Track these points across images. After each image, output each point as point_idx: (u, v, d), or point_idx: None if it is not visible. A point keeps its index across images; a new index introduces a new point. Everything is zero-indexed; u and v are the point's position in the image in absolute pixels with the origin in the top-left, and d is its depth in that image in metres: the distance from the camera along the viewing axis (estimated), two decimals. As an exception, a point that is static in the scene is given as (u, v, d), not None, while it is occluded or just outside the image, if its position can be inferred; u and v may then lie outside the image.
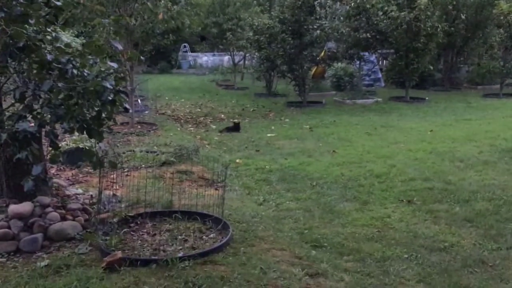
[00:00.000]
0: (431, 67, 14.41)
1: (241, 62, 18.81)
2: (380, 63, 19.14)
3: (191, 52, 25.45)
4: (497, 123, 9.84)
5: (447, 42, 15.17)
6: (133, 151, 6.69)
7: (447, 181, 5.80)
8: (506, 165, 6.52)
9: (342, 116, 11.06)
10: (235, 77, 17.30)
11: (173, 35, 10.94)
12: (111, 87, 2.80)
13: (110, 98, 2.99)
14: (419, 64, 12.94)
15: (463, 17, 14.10)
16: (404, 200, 5.14)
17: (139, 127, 9.01)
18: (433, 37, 12.66)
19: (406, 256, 3.78)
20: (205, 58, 24.95)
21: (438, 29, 12.57)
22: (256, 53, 14.36)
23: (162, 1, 8.18)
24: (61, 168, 5.80)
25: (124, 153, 6.45)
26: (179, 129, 9.49)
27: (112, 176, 4.77)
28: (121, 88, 2.92)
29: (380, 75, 17.70)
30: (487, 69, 14.93)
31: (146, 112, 11.08)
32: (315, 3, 12.68)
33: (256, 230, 3.97)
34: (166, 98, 14.02)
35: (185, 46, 24.89)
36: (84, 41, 3.68)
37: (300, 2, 11.78)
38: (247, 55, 16.99)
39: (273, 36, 12.46)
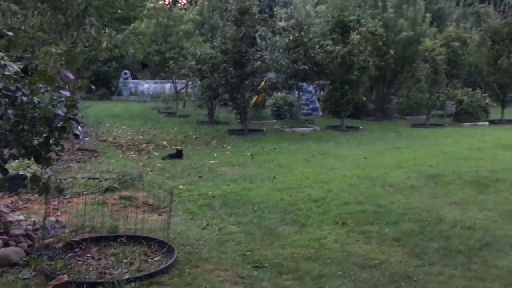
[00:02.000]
0: (365, 98, 15.28)
1: (183, 90, 18.99)
2: (318, 93, 19.97)
3: (133, 79, 25.32)
4: (423, 151, 10.59)
5: (379, 75, 16.18)
6: (75, 177, 6.66)
7: (378, 204, 6.24)
8: (430, 189, 7.10)
9: (282, 144, 11.46)
10: (177, 105, 17.43)
11: (116, 63, 10.99)
12: (63, 114, 2.93)
13: (60, 125, 3.11)
14: (353, 95, 13.73)
15: (392, 52, 15.13)
16: (339, 223, 5.48)
17: (80, 154, 8.92)
18: (366, 70, 13.51)
19: (340, 273, 4.08)
20: (147, 86, 24.88)
21: (370, 63, 13.44)
22: (199, 82, 14.63)
23: (106, 30, 8.28)
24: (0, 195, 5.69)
25: (65, 179, 6.41)
26: (121, 156, 9.47)
27: (54, 202, 4.78)
28: (71, 115, 3.04)
29: (318, 105, 18.46)
30: (415, 101, 16.02)
31: (87, 139, 10.96)
32: (256, 35, 13.21)
33: (200, 252, 4.13)
34: (107, 125, 13.88)
35: (126, 73, 24.74)
36: (21, 66, 3.77)
37: (241, 34, 12.23)
38: (189, 83, 17.21)
39: (215, 66, 12.80)
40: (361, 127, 14.36)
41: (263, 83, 13.38)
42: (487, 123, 15.55)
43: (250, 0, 12.54)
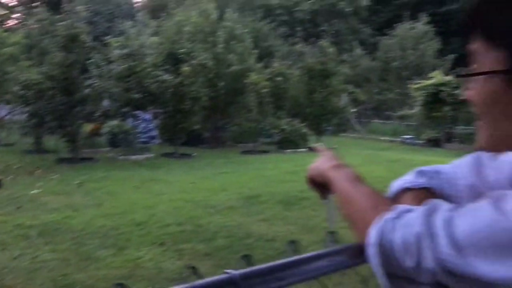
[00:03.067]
0: (198, 127, 16.01)
1: (7, 117, 17.59)
2: (156, 121, 20.21)
3: None
4: (247, 175, 11.54)
5: (212, 105, 17.12)
6: None
7: (197, 224, 6.75)
8: (246, 209, 7.87)
9: (114, 172, 11.44)
10: (0, 133, 16.10)
11: None
12: None
13: None
14: (186, 124, 14.34)
15: (222, 84, 16.20)
16: (158, 243, 5.83)
17: None
18: (197, 100, 14.26)
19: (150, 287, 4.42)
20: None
21: (201, 93, 14.24)
22: (24, 108, 13.80)
23: None
24: None
25: None
26: None
27: None
28: None
29: (155, 133, 18.68)
30: (245, 129, 17.28)
31: None
32: (88, 62, 13.08)
33: (4, 280, 4.10)
34: None
35: None
36: None
37: (70, 61, 12.01)
38: (14, 109, 16.08)
39: (41, 92, 12.29)
40: (194, 154, 14.98)
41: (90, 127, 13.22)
42: (306, 149, 17.46)
43: (79, 27, 12.42)
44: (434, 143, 18.67)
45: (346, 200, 0.89)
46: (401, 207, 0.77)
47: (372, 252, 0.75)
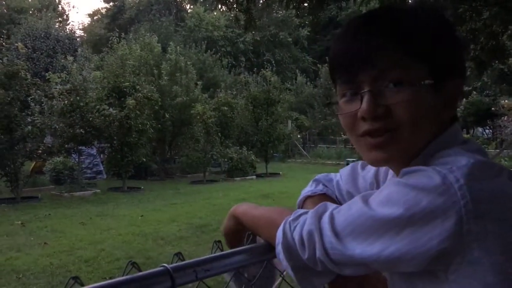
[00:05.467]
0: (146, 159, 15.90)
1: None
2: (101, 156, 19.85)
3: None
4: (197, 204, 11.59)
5: (159, 137, 17.09)
6: None
7: (147, 256, 6.74)
8: (196, 238, 7.93)
9: (58, 209, 11.14)
10: None
11: None
12: None
13: None
14: (133, 157, 14.23)
15: (168, 116, 16.26)
16: (107, 278, 5.76)
17: None
18: (144, 133, 14.23)
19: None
20: None
21: (148, 126, 14.23)
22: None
23: None
24: None
25: None
26: None
27: None
28: None
29: (102, 168, 18.33)
30: (193, 159, 17.31)
31: None
32: (29, 99, 12.81)
33: None
34: None
35: None
36: None
37: (9, 98, 11.73)
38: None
39: (-21, 131, 11.88)
40: (142, 187, 14.83)
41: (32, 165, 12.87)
42: (254, 176, 17.70)
43: (18, 64, 12.20)
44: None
45: (257, 219, 1.07)
46: (299, 210, 0.96)
47: (278, 249, 0.93)
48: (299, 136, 25.87)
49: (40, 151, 13.21)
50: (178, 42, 26.59)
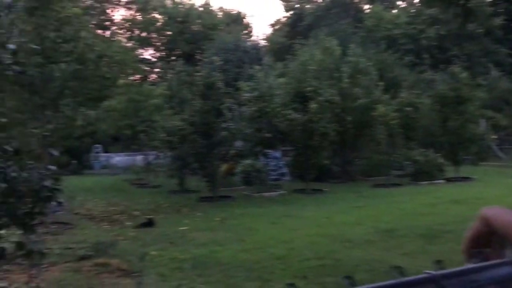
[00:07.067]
0: (328, 162, 16.12)
1: (154, 161, 19.50)
2: (285, 158, 20.78)
3: (104, 152, 25.72)
4: (382, 208, 11.29)
5: (340, 140, 17.15)
6: (50, 248, 7.00)
7: (336, 258, 6.80)
8: (384, 243, 7.71)
9: (250, 208, 12.00)
10: (148, 176, 17.88)
11: (89, 138, 11.57)
12: (50, 186, 3.48)
13: (46, 195, 3.65)
14: (315, 160, 14.56)
15: (349, 118, 16.23)
16: (300, 276, 5.99)
17: (53, 226, 9.22)
18: (326, 136, 14.45)
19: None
20: (118, 158, 25.27)
21: (329, 129, 14.41)
22: (169, 153, 15.25)
23: (81, 109, 8.93)
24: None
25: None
26: (94, 227, 9.81)
27: (32, 271, 5.17)
28: (56, 186, 3.59)
29: (285, 170, 19.20)
30: (375, 162, 16.96)
31: (60, 212, 11.23)
32: (222, 107, 14.12)
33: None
34: (80, 198, 14.16)
35: (97, 147, 25.17)
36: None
37: (208, 107, 13.08)
38: (159, 154, 17.81)
39: (184, 137, 13.51)
40: (325, 189, 15.05)
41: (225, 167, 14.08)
42: (443, 180, 16.51)
43: (214, 76, 13.53)
44: None
45: None
46: None
47: None
48: (494, 136, 23.31)
49: (232, 154, 14.44)
50: (357, 44, 26.37)
